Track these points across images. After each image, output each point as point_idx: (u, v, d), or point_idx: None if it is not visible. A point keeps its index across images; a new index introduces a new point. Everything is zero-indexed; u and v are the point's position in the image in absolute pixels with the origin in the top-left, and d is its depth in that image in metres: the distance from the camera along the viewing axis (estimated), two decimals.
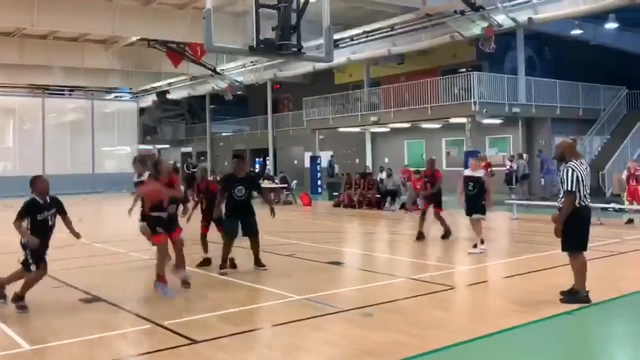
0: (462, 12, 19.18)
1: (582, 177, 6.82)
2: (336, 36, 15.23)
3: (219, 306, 7.07)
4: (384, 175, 22.39)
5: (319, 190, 28.16)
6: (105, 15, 20.83)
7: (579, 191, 6.80)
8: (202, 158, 34.57)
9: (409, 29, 22.05)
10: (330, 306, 6.95)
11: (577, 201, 6.83)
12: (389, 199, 19.76)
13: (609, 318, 6.62)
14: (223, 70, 29.58)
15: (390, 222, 16.92)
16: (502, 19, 19.07)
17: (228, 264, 9.06)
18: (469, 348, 5.50)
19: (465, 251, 10.80)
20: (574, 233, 6.92)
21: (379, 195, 20.13)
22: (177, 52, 26.37)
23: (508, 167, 23.70)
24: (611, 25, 23.84)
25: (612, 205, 16.61)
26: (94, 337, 5.92)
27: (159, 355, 5.38)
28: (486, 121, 24.00)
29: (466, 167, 12.11)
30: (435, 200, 12.43)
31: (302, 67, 26.70)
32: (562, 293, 6.99)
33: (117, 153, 38.54)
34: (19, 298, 6.91)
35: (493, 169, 23.89)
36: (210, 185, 9.93)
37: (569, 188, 6.77)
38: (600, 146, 25.54)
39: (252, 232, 9.00)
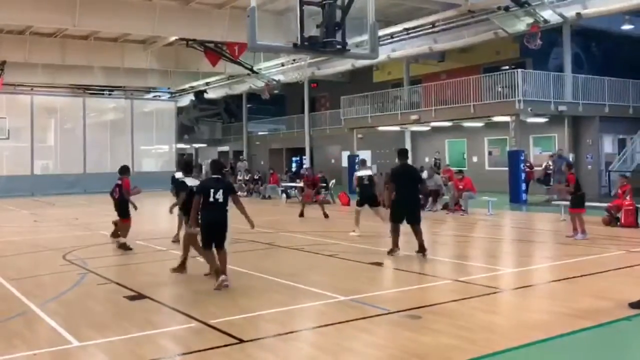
0: (507, 8, 18.84)
1: None
2: (366, 37, 15.13)
3: (263, 306, 7.07)
4: (425, 174, 22.17)
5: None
6: (145, 15, 21.12)
7: None
8: (242, 157, 34.78)
9: (450, 26, 21.77)
10: (377, 307, 6.89)
11: None
12: (430, 199, 19.54)
13: None
14: (260, 69, 29.73)
15: (432, 223, 16.67)
16: (549, 15, 18.68)
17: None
18: (522, 354, 5.38)
19: (509, 253, 10.60)
20: None
21: (420, 195, 19.88)
22: (215, 51, 26.61)
23: (544, 165, 23.27)
24: None
25: None
26: (140, 335, 5.99)
27: (206, 355, 5.40)
28: (530, 120, 23.54)
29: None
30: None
31: (340, 66, 26.65)
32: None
33: (155, 152, 39.17)
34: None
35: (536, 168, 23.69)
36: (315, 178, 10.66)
37: None
38: None
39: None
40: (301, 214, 17.47)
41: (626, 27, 24.58)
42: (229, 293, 7.76)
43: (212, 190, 7.86)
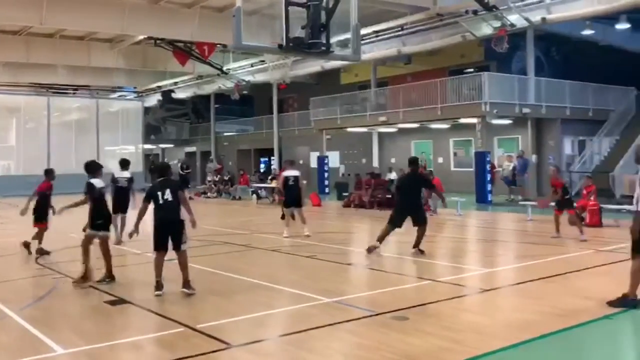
0: (475, 12, 19.08)
1: None
2: (343, 37, 15.05)
3: (248, 309, 6.95)
4: (393, 175, 22.30)
5: (326, 190, 28.07)
6: (114, 13, 20.68)
7: None
8: (211, 158, 34.38)
9: (419, 29, 21.96)
10: (362, 309, 6.84)
11: None
12: None
13: None
14: (230, 69, 29.47)
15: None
16: (516, 19, 18.98)
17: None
18: (511, 354, 5.39)
19: (484, 253, 10.69)
20: None
21: (390, 196, 19.99)
22: (184, 51, 26.28)
23: (500, 167, 23.61)
24: (622, 25, 23.74)
25: (625, 206, 16.46)
26: (126, 341, 5.81)
27: None
28: (496, 122, 23.90)
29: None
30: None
31: (311, 67, 26.60)
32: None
33: (121, 152, 38.42)
34: None
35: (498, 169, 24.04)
36: None
37: None
38: (609, 147, 25.38)
39: None
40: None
41: (586, 32, 25.12)
42: (212, 297, 7.61)
43: (159, 193, 7.63)
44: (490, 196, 22.41)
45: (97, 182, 8.60)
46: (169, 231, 7.63)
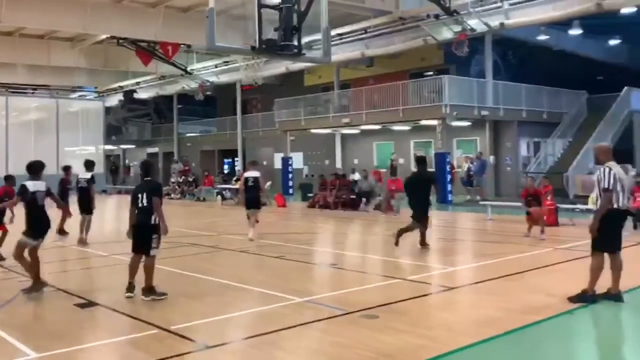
0: (437, 16, 19.37)
1: (619, 177, 6.92)
2: (309, 38, 15.09)
3: (221, 310, 6.93)
4: (356, 176, 22.46)
5: (290, 191, 28.07)
6: (76, 12, 20.22)
7: (615, 191, 6.87)
8: (175, 159, 33.93)
9: (382, 32, 22.16)
10: (334, 308, 6.89)
11: (614, 201, 6.90)
12: (364, 200, 19.80)
13: (605, 316, 6.76)
14: (194, 70, 29.19)
15: (368, 223, 16.95)
16: (475, 24, 19.34)
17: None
18: (483, 349, 5.51)
19: (448, 252, 10.86)
20: (602, 233, 6.97)
21: (354, 196, 20.16)
22: (147, 51, 25.88)
23: (459, 168, 24.08)
24: (575, 31, 24.45)
25: (578, 206, 16.95)
26: (100, 344, 5.73)
27: None
28: (455, 124, 24.32)
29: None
30: None
31: (276, 69, 26.53)
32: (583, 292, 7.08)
33: (81, 153, 37.58)
34: None
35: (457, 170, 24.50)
36: None
37: (606, 186, 6.87)
38: (563, 149, 26.10)
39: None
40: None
41: (541, 37, 25.81)
42: (183, 298, 7.54)
43: (139, 195, 7.49)
44: (450, 196, 22.78)
45: (32, 185, 7.85)
46: (137, 235, 7.53)
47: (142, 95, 35.64)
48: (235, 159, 35.86)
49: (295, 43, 8.34)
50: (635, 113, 25.99)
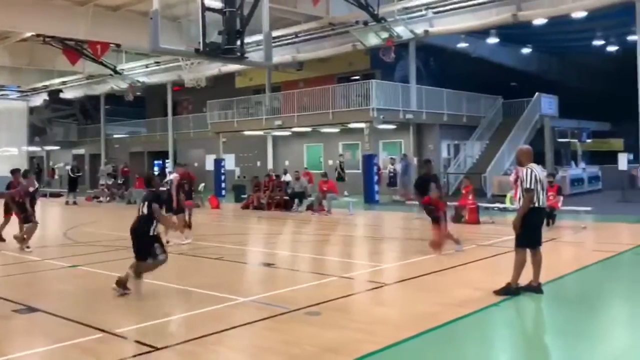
0: (365, 23, 19.81)
1: (539, 178, 7.32)
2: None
3: (167, 312, 6.87)
4: (287, 177, 22.60)
5: (223, 193, 27.82)
6: (1, 9, 19.29)
7: (536, 191, 7.27)
8: (105, 160, 32.84)
9: (312, 37, 22.41)
10: (278, 307, 6.97)
11: (534, 200, 7.27)
12: (296, 200, 19.95)
13: (528, 307, 7.19)
14: (123, 70, 28.39)
15: (301, 223, 17.13)
16: (402, 31, 19.94)
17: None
18: (420, 342, 5.75)
19: (380, 250, 11.16)
20: (525, 230, 7.34)
21: (287, 197, 20.27)
22: (75, 49, 24.95)
23: (385, 169, 24.72)
24: (493, 40, 25.56)
25: (496, 205, 17.78)
26: (45, 350, 5.57)
27: None
28: (382, 126, 24.89)
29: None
30: None
31: (209, 70, 26.24)
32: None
33: (3, 155, 35.73)
34: None
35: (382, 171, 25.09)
36: None
37: (528, 186, 7.25)
38: (480, 151, 27.23)
39: None
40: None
41: (461, 45, 26.83)
42: (127, 302, 7.43)
43: (140, 205, 7.85)
44: (377, 196, 23.31)
45: None
46: (137, 241, 7.75)
47: (68, 95, 34.34)
48: (166, 160, 35.13)
49: (239, 46, 8.36)
50: (545, 117, 27.47)
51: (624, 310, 7.27)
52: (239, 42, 8.42)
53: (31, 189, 11.61)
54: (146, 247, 7.69)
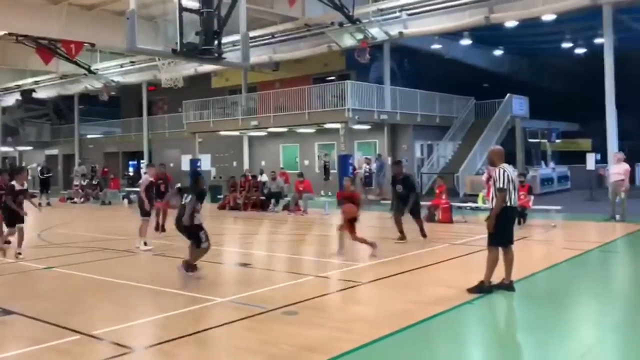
0: (341, 24, 19.88)
1: (511, 178, 7.43)
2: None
3: (143, 313, 6.83)
4: (264, 177, 22.55)
5: None
6: None
7: (509, 191, 7.38)
8: (80, 161, 32.34)
9: (288, 38, 22.41)
10: (255, 307, 6.97)
11: (507, 199, 7.39)
12: (273, 200, 19.93)
13: (501, 304, 7.32)
14: (98, 69, 28.01)
15: (277, 223, 17.13)
16: (376, 32, 20.07)
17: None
18: (396, 339, 5.81)
19: (355, 249, 11.18)
20: (497, 229, 7.45)
21: (263, 197, 20.24)
22: (48, 49, 24.53)
23: (360, 169, 24.86)
24: (466, 41, 25.84)
25: (468, 204, 18.00)
26: (22, 352, 5.49)
27: None
28: (357, 127, 24.99)
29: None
30: None
31: (185, 70, 26.06)
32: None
33: None
34: None
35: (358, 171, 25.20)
36: None
37: (501, 186, 7.35)
38: (453, 151, 27.53)
39: None
40: (162, 228, 14.07)
41: (435, 46, 27.08)
42: (103, 303, 7.36)
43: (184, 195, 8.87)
44: None
45: None
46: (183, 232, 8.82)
47: (41, 94, 33.76)
48: (141, 161, 34.76)
49: (216, 47, 8.33)
50: (516, 118, 27.90)
51: (592, 307, 7.44)
52: (216, 43, 8.37)
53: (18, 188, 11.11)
54: (193, 235, 8.66)
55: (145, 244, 11.71)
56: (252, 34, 22.61)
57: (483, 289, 7.49)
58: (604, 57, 19.54)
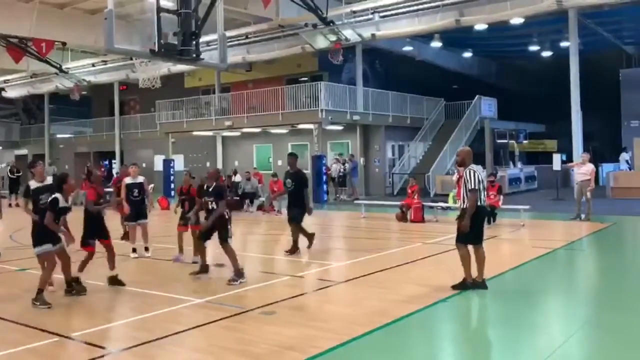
0: (315, 26, 19.93)
1: (481, 178, 7.55)
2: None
3: (121, 315, 6.78)
4: (238, 177, 22.46)
5: (172, 193, 27.36)
6: None
7: (479, 191, 7.49)
8: (50, 161, 31.68)
9: (262, 38, 22.37)
10: (233, 307, 6.98)
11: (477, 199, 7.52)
12: (247, 201, 19.88)
13: (474, 301, 7.46)
14: (69, 69, 27.52)
15: (252, 223, 17.08)
16: (350, 34, 20.18)
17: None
18: (375, 337, 5.88)
19: (330, 249, 11.27)
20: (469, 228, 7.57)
21: (238, 198, 20.15)
22: (18, 47, 24.02)
23: (336, 169, 24.96)
24: (436, 44, 26.15)
25: (440, 204, 18.17)
26: (1, 355, 5.39)
27: None
28: (330, 127, 25.07)
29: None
30: None
31: (157, 70, 25.74)
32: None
33: None
34: None
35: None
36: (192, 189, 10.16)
37: (472, 186, 7.46)
38: (424, 151, 27.81)
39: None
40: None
41: (406, 48, 27.34)
42: (81, 305, 7.28)
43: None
44: (326, 196, 23.48)
45: None
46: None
47: (10, 93, 33.02)
48: (113, 161, 34.27)
49: (194, 48, 8.30)
50: (485, 119, 28.31)
51: (561, 303, 7.64)
52: (194, 43, 8.34)
53: None
54: (219, 230, 8.92)
55: (134, 250, 11.12)
56: (226, 34, 22.56)
57: (465, 285, 7.64)
58: (570, 60, 20.01)
